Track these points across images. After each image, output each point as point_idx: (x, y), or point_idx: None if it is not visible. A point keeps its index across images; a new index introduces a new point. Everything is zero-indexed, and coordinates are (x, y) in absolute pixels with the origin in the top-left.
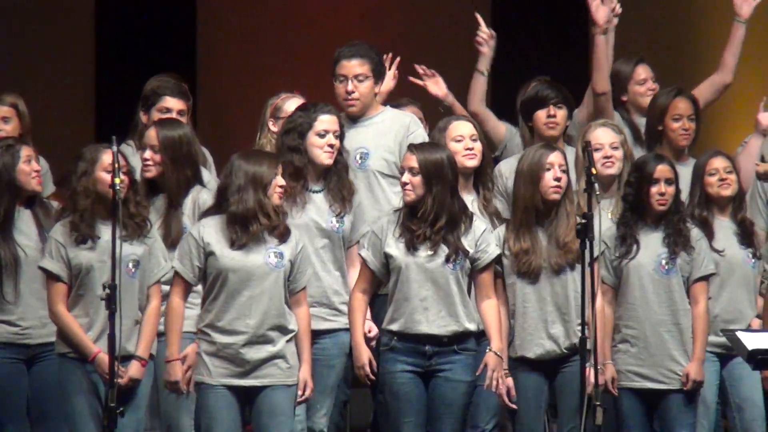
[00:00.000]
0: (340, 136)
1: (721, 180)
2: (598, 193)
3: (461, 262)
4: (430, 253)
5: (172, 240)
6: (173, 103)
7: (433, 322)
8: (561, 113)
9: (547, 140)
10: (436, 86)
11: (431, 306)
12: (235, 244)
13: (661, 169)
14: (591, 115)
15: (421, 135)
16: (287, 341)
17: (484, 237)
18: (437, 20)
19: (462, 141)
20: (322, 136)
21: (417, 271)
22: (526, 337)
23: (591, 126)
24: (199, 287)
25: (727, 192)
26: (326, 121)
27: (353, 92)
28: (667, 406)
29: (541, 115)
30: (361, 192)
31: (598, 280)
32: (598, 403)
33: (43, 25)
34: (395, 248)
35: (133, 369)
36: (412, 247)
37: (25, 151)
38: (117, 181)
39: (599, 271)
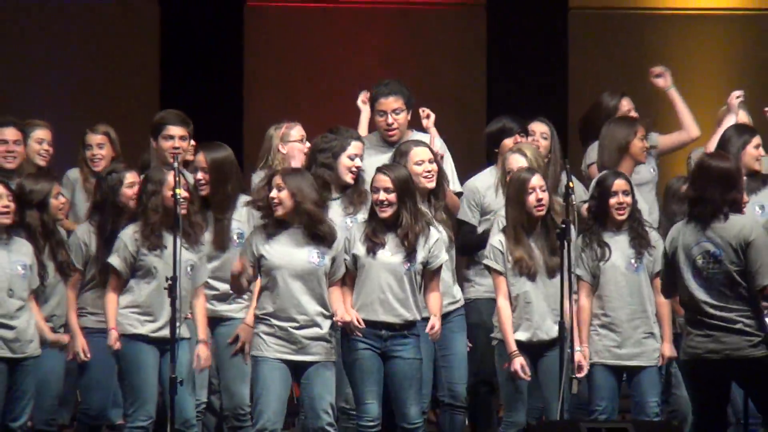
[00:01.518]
0: (362, 158)
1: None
2: (574, 203)
3: (415, 265)
4: (389, 254)
5: (219, 246)
6: (175, 130)
7: (389, 311)
8: (526, 140)
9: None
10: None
11: (388, 298)
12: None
13: (619, 183)
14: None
15: (446, 154)
16: (330, 326)
17: (436, 245)
18: (442, 61)
19: (422, 164)
20: (351, 158)
21: (378, 269)
22: (524, 325)
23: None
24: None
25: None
26: (356, 146)
27: (393, 124)
28: (641, 380)
29: (507, 142)
30: None
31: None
32: (573, 375)
33: (113, 70)
34: (361, 251)
35: (202, 350)
36: (373, 251)
37: (129, 177)
38: (178, 191)
39: (577, 271)
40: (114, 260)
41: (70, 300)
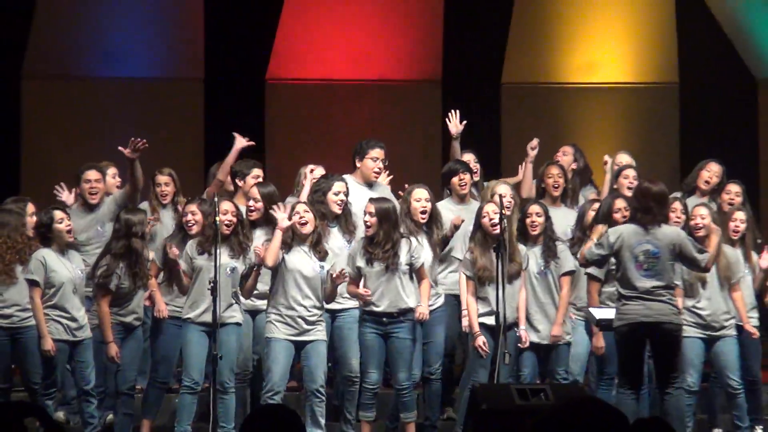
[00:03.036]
0: (347, 194)
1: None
2: (505, 225)
3: (401, 267)
4: (382, 264)
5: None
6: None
7: (387, 304)
8: (467, 178)
9: (462, 197)
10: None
11: (386, 294)
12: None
13: (533, 208)
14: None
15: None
16: (322, 314)
17: (415, 249)
18: (408, 128)
19: (420, 201)
20: (336, 194)
21: (375, 275)
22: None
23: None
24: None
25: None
26: (339, 186)
27: (379, 169)
28: (552, 355)
29: (455, 180)
30: None
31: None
32: (505, 350)
33: (168, 134)
34: (362, 262)
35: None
36: (370, 262)
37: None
38: (217, 219)
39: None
40: (182, 264)
41: (158, 298)
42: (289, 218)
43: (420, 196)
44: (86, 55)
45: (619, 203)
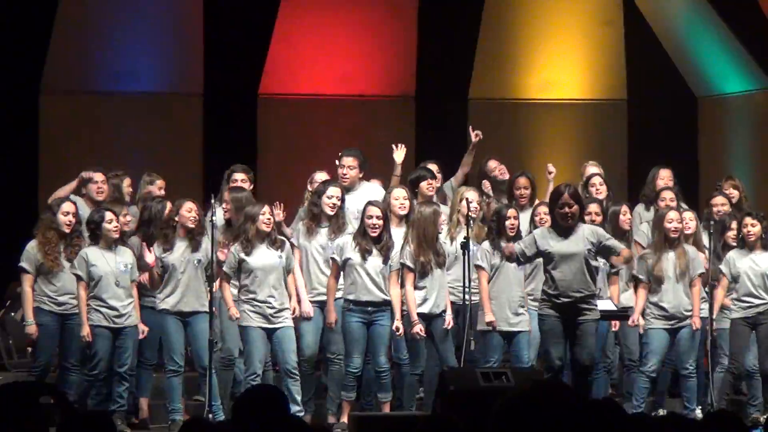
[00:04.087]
0: (341, 199)
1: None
2: (471, 226)
3: (387, 263)
4: (376, 258)
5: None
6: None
7: (372, 294)
8: (434, 183)
9: (429, 198)
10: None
11: (370, 286)
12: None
13: (511, 212)
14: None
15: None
16: (286, 302)
17: (395, 251)
18: (389, 126)
19: (398, 200)
20: (329, 198)
21: (366, 269)
22: (431, 301)
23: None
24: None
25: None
26: (332, 190)
27: (346, 174)
28: (518, 340)
29: (423, 185)
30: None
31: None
32: (471, 338)
33: (170, 148)
34: (353, 255)
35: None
36: (362, 256)
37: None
38: (176, 218)
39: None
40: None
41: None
42: (271, 216)
43: (398, 195)
44: (97, 71)
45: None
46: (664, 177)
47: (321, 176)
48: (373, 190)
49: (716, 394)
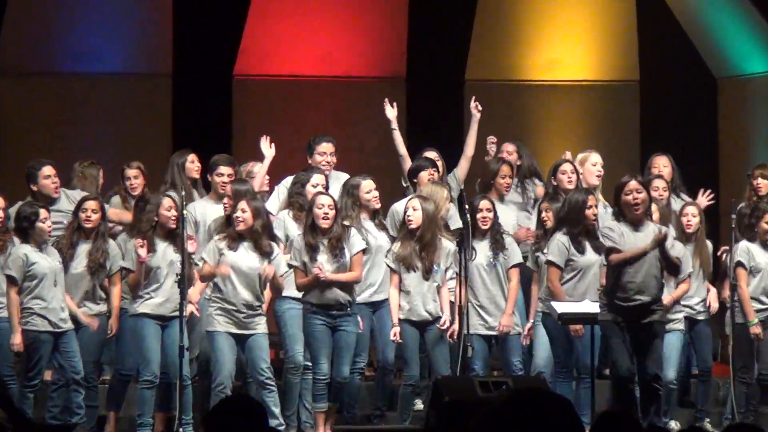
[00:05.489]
0: (326, 187)
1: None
2: (469, 220)
3: (343, 260)
4: (325, 254)
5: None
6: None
7: (337, 296)
8: (436, 174)
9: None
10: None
11: (334, 287)
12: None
13: (483, 203)
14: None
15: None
16: (260, 308)
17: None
18: (373, 123)
19: (370, 192)
20: (314, 186)
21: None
22: (412, 305)
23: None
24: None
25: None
26: (317, 178)
27: (328, 162)
28: (505, 345)
29: (423, 174)
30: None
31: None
32: (468, 344)
33: (135, 130)
34: (307, 258)
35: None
36: (310, 253)
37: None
38: (181, 213)
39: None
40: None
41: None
42: (231, 213)
43: (371, 188)
44: (57, 51)
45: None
46: (658, 165)
47: (253, 168)
48: (341, 178)
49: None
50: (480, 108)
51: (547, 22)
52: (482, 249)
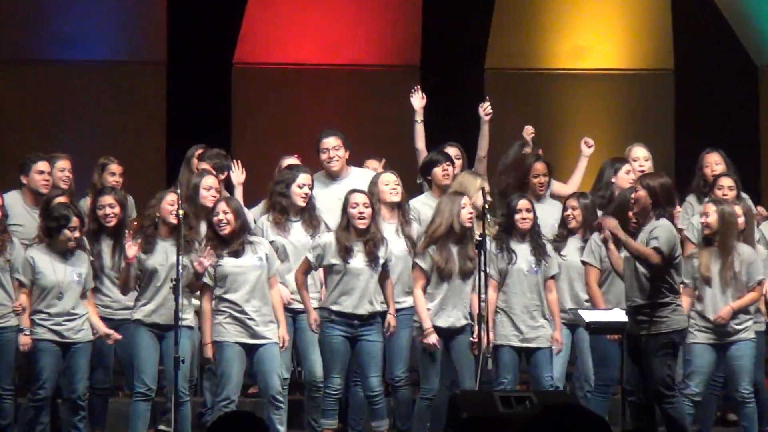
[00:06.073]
0: (311, 188)
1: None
2: (489, 220)
3: (378, 267)
4: (364, 260)
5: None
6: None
7: (358, 306)
8: (450, 169)
9: (444, 187)
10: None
11: (357, 295)
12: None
13: (522, 203)
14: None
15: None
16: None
17: (389, 252)
18: (387, 113)
19: (389, 185)
20: (300, 186)
21: (351, 272)
22: (441, 314)
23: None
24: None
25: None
26: (304, 177)
27: (330, 158)
28: (537, 358)
29: (438, 170)
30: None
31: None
32: (489, 355)
33: (127, 120)
34: (336, 258)
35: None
36: (344, 257)
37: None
38: (181, 212)
39: (490, 272)
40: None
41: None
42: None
43: (389, 180)
44: (47, 38)
45: None
46: (712, 163)
47: (290, 162)
48: (366, 176)
49: None
50: (490, 111)
51: (574, 5)
52: (523, 253)
